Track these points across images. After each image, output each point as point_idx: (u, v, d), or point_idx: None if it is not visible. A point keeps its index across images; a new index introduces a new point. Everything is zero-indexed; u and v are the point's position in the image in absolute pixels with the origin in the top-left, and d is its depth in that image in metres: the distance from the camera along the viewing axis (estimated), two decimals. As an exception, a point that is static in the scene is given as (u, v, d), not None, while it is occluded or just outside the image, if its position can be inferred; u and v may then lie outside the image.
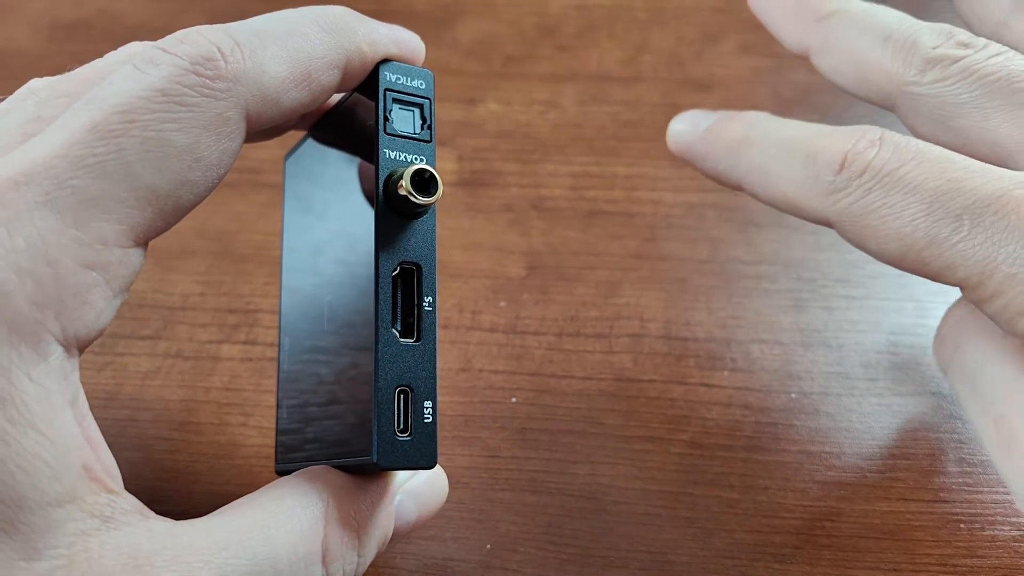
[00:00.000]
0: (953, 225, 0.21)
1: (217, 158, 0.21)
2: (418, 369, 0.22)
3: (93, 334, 0.20)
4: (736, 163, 0.26)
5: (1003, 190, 0.21)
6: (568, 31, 0.45)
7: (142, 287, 0.36)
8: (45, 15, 0.47)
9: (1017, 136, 0.23)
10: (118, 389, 0.33)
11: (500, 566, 0.28)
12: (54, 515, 0.18)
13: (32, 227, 0.19)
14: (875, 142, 0.23)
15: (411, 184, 0.21)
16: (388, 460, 0.21)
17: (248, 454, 0.31)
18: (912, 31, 0.26)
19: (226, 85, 0.21)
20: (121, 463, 0.21)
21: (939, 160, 0.22)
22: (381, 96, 0.23)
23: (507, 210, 0.38)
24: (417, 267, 0.22)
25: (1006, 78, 0.24)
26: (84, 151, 0.19)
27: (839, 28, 0.27)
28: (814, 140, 0.24)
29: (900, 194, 0.22)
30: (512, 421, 0.32)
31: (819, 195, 0.23)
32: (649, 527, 0.29)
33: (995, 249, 0.20)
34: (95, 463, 0.19)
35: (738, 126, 0.27)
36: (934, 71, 0.25)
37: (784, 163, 0.24)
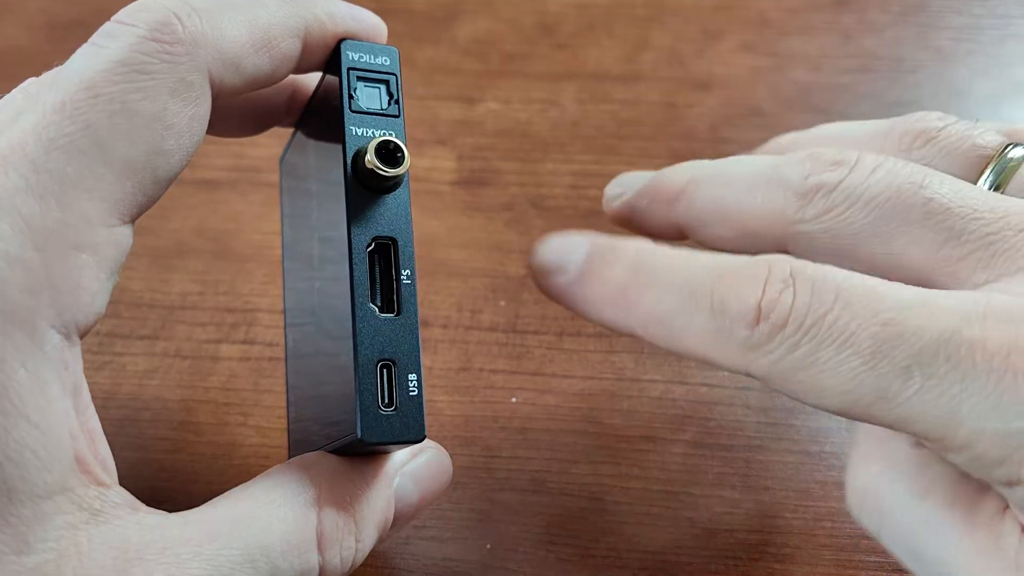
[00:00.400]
0: (902, 379, 0.19)
1: (187, 124, 0.21)
2: (400, 342, 0.21)
3: (91, 318, 0.20)
4: (627, 315, 0.22)
5: (950, 330, 0.18)
6: (567, 29, 0.45)
7: (140, 286, 0.35)
8: (43, 14, 0.47)
9: (928, 257, 0.21)
10: (116, 389, 0.32)
11: (500, 566, 0.28)
12: (44, 507, 0.18)
13: (15, 213, 0.18)
14: (787, 281, 0.20)
15: (376, 156, 0.21)
16: (373, 435, 0.20)
17: (247, 454, 0.31)
18: (773, 168, 0.24)
19: (185, 49, 0.21)
20: (120, 463, 0.21)
21: (867, 297, 0.19)
22: (344, 75, 0.23)
23: (507, 209, 0.38)
24: (393, 241, 0.22)
25: (896, 195, 0.22)
26: (54, 132, 0.19)
27: (698, 197, 0.25)
28: (716, 285, 0.21)
29: (833, 348, 0.19)
30: (512, 421, 0.31)
31: (735, 352, 0.20)
32: (650, 527, 0.29)
33: (955, 404, 0.18)
34: (88, 455, 0.19)
35: (618, 270, 0.23)
36: (814, 204, 0.22)
37: (686, 316, 0.21)
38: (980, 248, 0.21)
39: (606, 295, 0.23)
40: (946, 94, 0.41)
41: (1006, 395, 0.18)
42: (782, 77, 0.43)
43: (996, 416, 0.18)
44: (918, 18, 0.45)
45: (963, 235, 0.21)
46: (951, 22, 0.44)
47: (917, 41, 0.44)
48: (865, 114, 0.41)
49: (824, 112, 0.41)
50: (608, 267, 0.23)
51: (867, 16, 0.45)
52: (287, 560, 0.20)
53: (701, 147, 0.40)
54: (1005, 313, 0.19)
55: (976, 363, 0.18)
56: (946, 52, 0.43)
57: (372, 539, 0.23)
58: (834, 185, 0.23)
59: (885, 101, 0.41)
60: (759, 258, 0.21)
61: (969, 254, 0.21)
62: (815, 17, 0.45)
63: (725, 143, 0.40)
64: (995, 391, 0.18)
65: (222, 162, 0.39)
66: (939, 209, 0.21)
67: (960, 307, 0.19)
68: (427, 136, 0.40)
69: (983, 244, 0.21)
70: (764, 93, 0.42)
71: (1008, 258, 0.20)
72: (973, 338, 0.18)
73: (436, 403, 0.32)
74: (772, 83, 0.42)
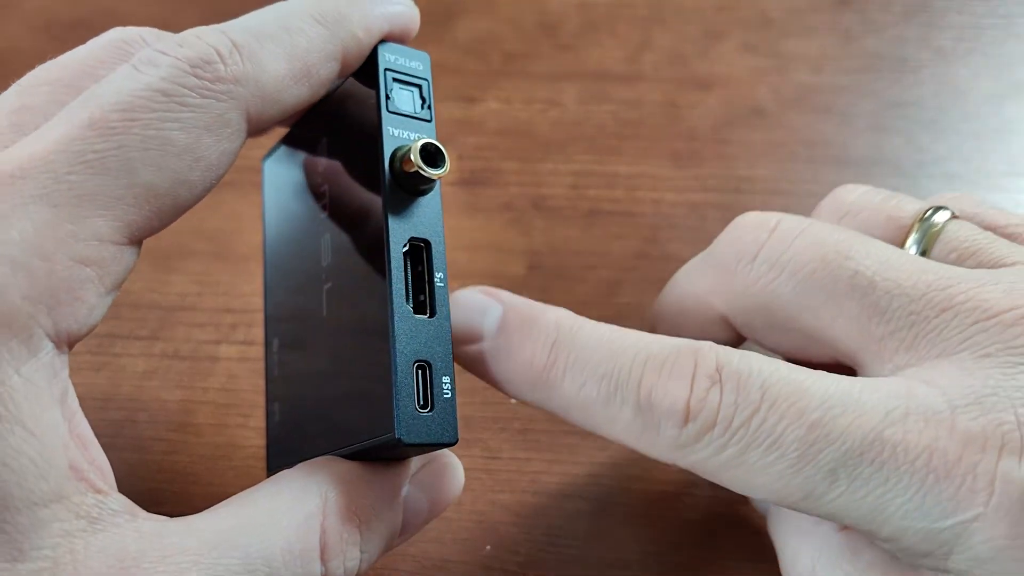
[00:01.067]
0: (828, 481, 0.19)
1: (217, 159, 0.21)
2: (434, 345, 0.21)
3: (84, 330, 0.20)
4: (547, 398, 0.22)
5: (875, 432, 0.19)
6: (568, 29, 0.45)
7: (139, 287, 0.35)
8: (44, 14, 0.47)
9: (854, 334, 0.21)
10: (115, 390, 0.32)
11: (500, 567, 0.28)
12: (40, 514, 0.18)
13: (27, 221, 0.18)
14: (713, 378, 0.20)
15: (420, 158, 0.21)
16: (412, 436, 0.20)
17: (246, 455, 0.31)
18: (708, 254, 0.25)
19: (226, 87, 0.20)
20: (118, 464, 0.21)
21: (791, 397, 0.19)
22: (382, 75, 0.23)
23: (507, 209, 0.38)
24: (426, 243, 0.22)
25: (821, 265, 0.22)
26: (83, 147, 0.19)
27: None
28: (643, 377, 0.21)
29: (760, 451, 0.19)
30: (513, 422, 0.31)
31: (664, 448, 0.20)
32: (651, 529, 0.29)
33: (881, 504, 0.19)
34: (83, 462, 0.19)
35: (537, 348, 0.22)
36: (740, 275, 0.23)
37: (611, 408, 0.21)
38: (903, 328, 0.21)
39: (523, 374, 0.22)
40: (947, 94, 0.41)
41: (928, 496, 0.18)
42: (783, 77, 0.42)
43: (920, 516, 0.18)
44: (920, 18, 0.45)
45: (887, 312, 0.21)
46: (953, 22, 0.44)
47: (919, 41, 0.44)
48: (867, 114, 0.41)
49: (825, 112, 0.41)
50: (526, 342, 0.22)
51: (869, 16, 0.45)
52: (289, 569, 0.20)
53: (702, 147, 0.40)
54: (925, 411, 0.19)
55: (899, 465, 0.18)
56: (947, 52, 0.43)
57: (378, 548, 0.22)
58: (754, 254, 0.23)
59: (886, 101, 0.41)
60: (684, 347, 0.21)
61: (893, 333, 0.21)
62: (817, 17, 0.45)
63: (726, 143, 0.40)
64: (918, 492, 0.18)
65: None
66: (864, 282, 0.21)
67: (883, 404, 0.19)
68: (427, 136, 0.40)
69: (906, 324, 0.21)
70: (766, 93, 0.42)
71: (929, 342, 0.20)
72: (896, 440, 0.19)
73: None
74: (773, 83, 0.42)
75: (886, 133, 0.40)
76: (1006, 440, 0.18)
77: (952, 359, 0.20)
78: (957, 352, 0.20)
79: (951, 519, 0.18)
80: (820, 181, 0.38)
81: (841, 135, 0.40)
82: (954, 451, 0.18)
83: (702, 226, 0.37)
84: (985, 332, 0.20)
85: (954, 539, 0.18)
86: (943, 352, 0.20)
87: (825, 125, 0.40)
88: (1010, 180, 0.38)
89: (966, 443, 0.18)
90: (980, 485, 0.18)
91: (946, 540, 0.18)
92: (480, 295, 0.23)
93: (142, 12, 0.46)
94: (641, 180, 0.39)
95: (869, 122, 0.40)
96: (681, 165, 0.39)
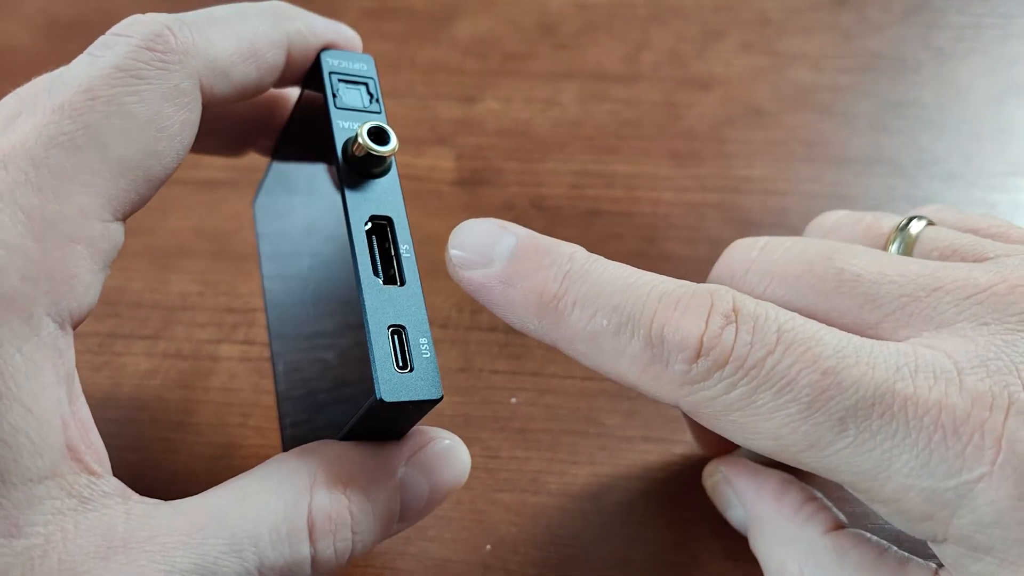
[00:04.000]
0: (836, 430, 0.19)
1: (179, 128, 0.22)
2: (408, 309, 0.22)
3: (84, 308, 0.20)
4: (554, 327, 0.21)
5: (886, 384, 0.19)
6: (568, 29, 0.45)
7: (140, 287, 0.35)
8: (43, 13, 0.47)
9: (849, 323, 0.21)
10: (116, 389, 0.32)
11: (500, 567, 0.28)
12: (35, 491, 0.18)
13: (15, 205, 0.19)
14: (729, 317, 0.20)
15: (368, 137, 0.22)
16: (392, 394, 0.20)
17: (247, 455, 0.31)
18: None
19: (178, 57, 0.22)
20: (119, 463, 0.21)
21: (807, 343, 0.19)
22: (326, 79, 0.24)
23: (507, 209, 0.38)
24: (388, 220, 0.23)
25: (807, 270, 0.22)
26: (54, 131, 0.20)
27: None
28: (656, 312, 0.20)
29: (771, 392, 0.19)
30: (512, 421, 0.31)
31: (669, 384, 0.20)
32: (651, 528, 0.29)
33: (886, 459, 0.18)
34: (79, 443, 0.20)
35: (550, 276, 0.21)
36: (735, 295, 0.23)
37: (619, 340, 0.20)
38: (897, 310, 0.21)
39: (532, 302, 0.21)
40: (947, 94, 0.41)
41: (935, 453, 0.18)
42: (783, 77, 0.42)
43: (926, 474, 0.18)
44: (919, 17, 0.45)
45: (878, 299, 0.21)
46: (952, 21, 0.44)
47: (918, 40, 0.44)
48: (866, 113, 0.41)
49: (825, 112, 0.41)
50: (539, 271, 0.21)
51: (868, 15, 0.45)
52: (276, 550, 0.20)
53: (701, 147, 0.40)
54: (934, 368, 0.19)
55: (908, 420, 0.18)
56: (947, 51, 0.43)
57: (373, 531, 0.22)
58: (745, 270, 0.23)
59: (886, 101, 0.41)
60: (702, 287, 0.20)
61: (887, 316, 0.21)
62: (816, 17, 0.45)
63: (725, 143, 0.40)
64: (926, 448, 0.18)
65: (222, 162, 0.39)
66: (850, 277, 0.22)
67: (894, 359, 0.19)
68: (427, 136, 0.40)
69: (899, 306, 0.21)
70: (765, 93, 0.42)
71: (925, 317, 0.20)
72: (907, 394, 0.19)
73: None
74: (773, 83, 0.42)
75: (885, 133, 0.40)
76: (1013, 399, 0.18)
77: (951, 328, 0.20)
78: (955, 322, 0.20)
79: (956, 478, 0.18)
80: (819, 181, 0.38)
81: (840, 135, 0.40)
82: (963, 408, 0.18)
83: (701, 226, 0.37)
84: (980, 304, 0.20)
85: (957, 500, 0.18)
86: (941, 324, 0.20)
87: (824, 125, 0.40)
88: (1010, 180, 0.38)
89: (975, 400, 0.18)
90: (987, 443, 0.18)
91: (949, 501, 0.18)
92: (493, 224, 0.23)
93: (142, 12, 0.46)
94: (640, 180, 0.39)
95: (868, 122, 0.40)
96: (680, 165, 0.39)
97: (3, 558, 0.18)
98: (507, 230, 0.22)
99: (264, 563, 0.20)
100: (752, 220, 0.37)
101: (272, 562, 0.20)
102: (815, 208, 0.27)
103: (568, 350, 0.22)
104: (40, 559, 0.18)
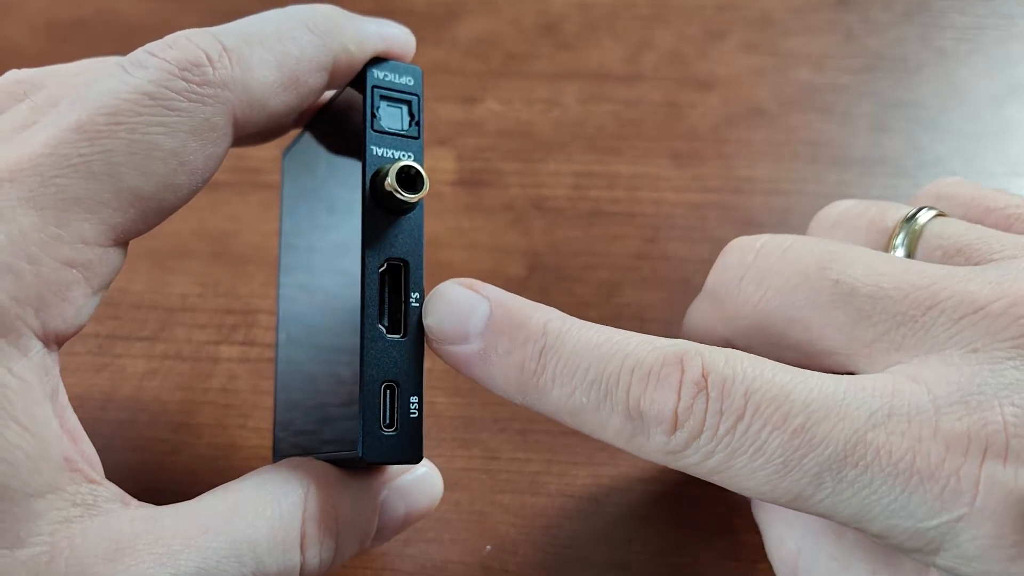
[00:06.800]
0: (814, 485, 0.19)
1: (202, 163, 0.21)
2: (404, 365, 0.22)
3: (72, 330, 0.20)
4: (536, 402, 0.22)
5: (857, 435, 0.19)
6: (569, 29, 0.45)
7: (139, 288, 0.35)
8: (43, 15, 0.47)
9: (843, 340, 0.21)
10: (116, 391, 0.32)
11: (500, 568, 0.28)
12: (35, 505, 0.19)
13: (14, 224, 0.19)
14: (700, 384, 0.20)
15: (396, 181, 0.21)
16: (373, 454, 0.21)
17: (247, 455, 0.31)
18: None
19: (214, 91, 0.21)
20: (119, 465, 0.21)
21: (775, 402, 0.19)
22: (368, 93, 0.23)
23: (508, 210, 0.38)
24: (404, 263, 0.22)
25: (803, 281, 0.22)
26: (69, 150, 0.19)
27: None
28: (631, 387, 0.20)
29: (746, 457, 0.19)
30: (512, 423, 0.31)
31: (654, 453, 0.20)
32: (651, 529, 0.29)
33: (867, 504, 0.19)
34: (75, 455, 0.20)
35: (526, 354, 0.21)
36: (728, 302, 0.24)
37: (600, 415, 0.21)
38: (891, 329, 0.21)
39: (512, 380, 0.22)
40: (948, 94, 0.41)
41: (913, 496, 0.18)
42: (784, 77, 0.42)
43: (906, 515, 0.18)
44: (920, 18, 0.45)
45: (872, 316, 0.21)
46: (954, 22, 0.44)
47: (919, 41, 0.43)
48: (867, 113, 0.41)
49: (826, 112, 0.41)
50: (514, 349, 0.22)
51: (869, 16, 0.45)
52: (271, 556, 0.20)
53: (702, 147, 0.40)
54: (909, 410, 0.19)
55: (883, 468, 0.18)
56: (948, 52, 0.43)
57: (352, 546, 0.23)
58: (740, 276, 0.23)
59: (887, 101, 0.41)
60: (671, 351, 0.20)
61: (881, 335, 0.21)
62: (817, 17, 0.45)
63: (727, 143, 0.40)
64: (903, 493, 0.18)
65: (222, 163, 0.39)
66: (846, 290, 0.21)
67: (866, 405, 0.19)
68: (428, 136, 0.40)
69: (893, 325, 0.21)
70: (766, 93, 0.42)
71: (918, 340, 0.20)
72: (878, 443, 0.19)
73: (436, 404, 0.32)
74: (774, 83, 0.42)
75: (887, 133, 0.40)
76: (990, 442, 0.18)
77: (940, 355, 0.20)
78: (945, 348, 0.20)
79: (936, 519, 0.18)
80: (821, 181, 0.38)
81: (842, 135, 0.40)
82: (937, 453, 0.18)
83: (702, 226, 0.37)
84: (973, 327, 0.20)
85: (941, 537, 0.18)
86: (931, 348, 0.20)
87: (826, 125, 0.40)
88: (1010, 180, 0.38)
89: (949, 445, 0.18)
90: (964, 487, 0.18)
91: (933, 538, 0.18)
92: (466, 292, 0.22)
93: (142, 12, 0.46)
94: (642, 180, 0.39)
95: (870, 122, 0.40)
96: (681, 165, 0.39)
97: (7, 567, 0.18)
98: (479, 294, 0.22)
99: (259, 569, 0.20)
100: (753, 220, 0.37)
101: (267, 568, 0.20)
102: (816, 208, 0.27)
103: (557, 420, 0.22)
104: (47, 564, 0.18)
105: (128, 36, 0.44)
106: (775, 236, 0.24)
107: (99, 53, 0.23)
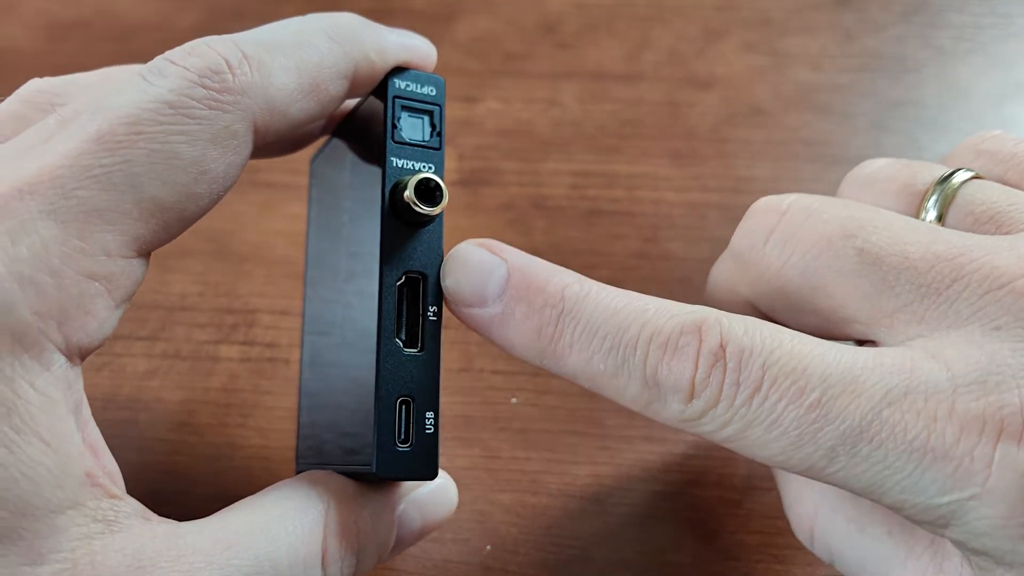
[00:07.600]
0: (827, 458, 0.19)
1: (223, 171, 0.21)
2: (421, 379, 0.22)
3: (96, 343, 0.20)
4: (554, 366, 0.22)
5: (873, 412, 0.19)
6: (568, 28, 0.45)
7: (140, 287, 0.35)
8: (43, 14, 0.47)
9: (866, 309, 0.21)
10: (116, 390, 0.32)
11: (500, 568, 0.28)
12: (57, 521, 0.18)
13: (35, 236, 0.19)
14: (717, 355, 0.20)
15: (415, 193, 0.21)
16: (387, 470, 0.21)
17: (247, 455, 0.31)
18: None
19: (234, 98, 0.20)
20: (120, 465, 0.21)
21: (793, 375, 0.19)
22: (389, 103, 0.22)
23: (507, 209, 0.38)
24: (423, 276, 0.22)
25: (827, 247, 0.22)
26: (90, 161, 0.19)
27: None
28: (648, 355, 0.20)
29: (761, 428, 0.19)
30: (513, 422, 0.31)
31: (671, 419, 0.21)
32: (651, 528, 0.29)
33: (879, 479, 0.19)
34: (97, 469, 0.19)
35: (544, 317, 0.21)
36: (751, 265, 0.23)
37: (618, 380, 0.21)
38: (914, 301, 0.20)
39: (530, 344, 0.22)
40: (947, 93, 0.41)
41: (926, 474, 0.18)
42: (783, 76, 0.42)
43: (918, 491, 0.19)
44: (919, 17, 0.45)
45: (896, 287, 0.21)
46: (952, 21, 0.44)
47: (918, 40, 0.44)
48: (867, 113, 0.41)
49: (826, 111, 0.41)
50: (533, 312, 0.22)
51: (868, 15, 0.45)
52: (293, 573, 0.20)
53: (702, 146, 0.40)
54: (926, 388, 0.19)
55: (897, 445, 0.18)
56: (948, 51, 0.43)
57: (372, 560, 0.23)
58: (765, 239, 0.23)
59: (886, 100, 0.41)
60: (689, 319, 0.20)
61: (904, 307, 0.21)
62: (816, 16, 0.45)
63: (726, 142, 0.40)
64: (916, 470, 0.18)
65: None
66: (871, 259, 0.21)
67: (883, 381, 0.19)
68: (427, 136, 0.40)
69: (916, 297, 0.20)
70: (765, 92, 0.42)
71: (941, 313, 0.20)
72: (894, 421, 0.19)
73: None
74: (773, 82, 0.42)
75: (886, 132, 0.40)
76: (1006, 424, 0.18)
77: (962, 331, 0.20)
78: (968, 324, 0.20)
79: (948, 496, 0.18)
80: (820, 180, 0.38)
81: (841, 134, 0.40)
82: (952, 433, 0.18)
83: (702, 225, 0.37)
84: (997, 303, 0.19)
85: (951, 514, 0.18)
86: (954, 323, 0.20)
87: (825, 124, 0.40)
88: (1010, 179, 0.38)
89: (964, 426, 0.18)
90: (977, 467, 0.18)
91: (943, 514, 0.19)
92: (484, 253, 0.22)
93: (142, 12, 0.46)
94: (641, 180, 0.39)
95: (869, 121, 0.40)
96: (681, 164, 0.39)
97: None
98: (498, 255, 0.22)
99: None
100: (753, 220, 0.37)
101: None
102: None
103: (575, 382, 0.22)
104: None
105: (127, 36, 0.44)
106: (802, 197, 0.23)
107: (98, 53, 0.23)
